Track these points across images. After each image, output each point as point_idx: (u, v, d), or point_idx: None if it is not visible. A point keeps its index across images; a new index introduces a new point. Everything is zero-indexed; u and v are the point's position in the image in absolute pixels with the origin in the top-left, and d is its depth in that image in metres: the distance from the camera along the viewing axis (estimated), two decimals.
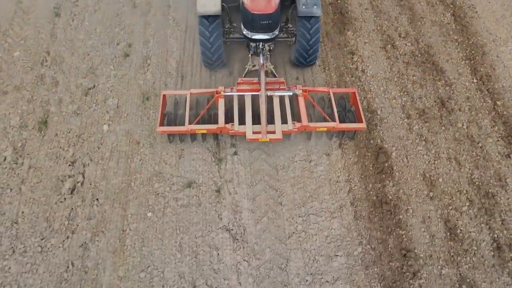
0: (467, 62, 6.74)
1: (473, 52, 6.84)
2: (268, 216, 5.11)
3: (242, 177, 5.39)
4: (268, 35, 5.33)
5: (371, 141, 5.85)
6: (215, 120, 5.29)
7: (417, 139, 5.88)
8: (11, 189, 5.25)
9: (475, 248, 4.95)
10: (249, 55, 5.80)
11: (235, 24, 5.93)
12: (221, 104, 5.28)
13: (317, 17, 5.44)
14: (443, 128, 5.99)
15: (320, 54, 6.61)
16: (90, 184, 5.33)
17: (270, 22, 5.18)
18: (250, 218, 5.07)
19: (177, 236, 4.93)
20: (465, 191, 5.40)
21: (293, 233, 4.98)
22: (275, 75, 5.87)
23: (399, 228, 5.12)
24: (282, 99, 5.38)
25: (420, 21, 7.28)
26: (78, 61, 6.52)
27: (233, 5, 5.75)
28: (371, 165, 5.62)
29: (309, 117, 5.29)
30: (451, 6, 7.52)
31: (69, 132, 5.78)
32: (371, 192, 5.38)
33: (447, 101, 6.27)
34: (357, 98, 5.51)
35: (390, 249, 4.97)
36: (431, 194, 5.38)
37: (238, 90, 5.39)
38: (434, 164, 5.64)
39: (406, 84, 6.46)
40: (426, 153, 5.74)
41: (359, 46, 6.82)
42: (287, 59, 6.40)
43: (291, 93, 5.40)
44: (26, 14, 7.05)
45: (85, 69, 6.47)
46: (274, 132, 5.01)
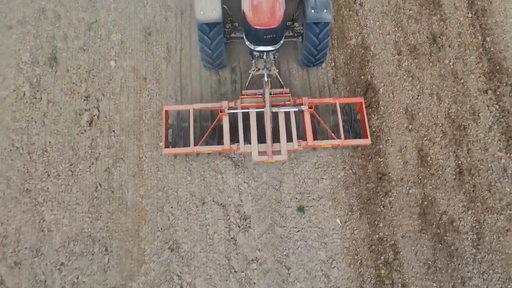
0: None
1: None
2: None
3: None
4: (272, 47, 5.03)
5: (362, 77, 6.35)
6: (219, 134, 5.25)
7: (404, 75, 6.37)
8: (35, 122, 5.94)
9: (440, 173, 5.89)
10: (252, 60, 5.45)
11: (236, 24, 5.50)
12: (226, 122, 5.14)
13: (327, 22, 4.98)
14: (430, 64, 6.43)
15: None
16: (106, 117, 6.00)
17: (275, 36, 4.87)
18: None
19: (186, 163, 5.80)
20: (440, 124, 6.13)
21: None
22: (280, 82, 5.59)
23: (378, 156, 5.98)
24: (287, 114, 5.21)
25: None
26: None
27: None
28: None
29: (314, 134, 5.21)
30: None
31: (79, 68, 6.22)
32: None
33: (439, 37, 6.57)
34: (364, 109, 5.36)
35: (368, 173, 5.91)
36: (410, 126, 6.12)
37: (242, 107, 5.20)
38: (417, 99, 6.25)
39: (402, 19, 6.66)
40: (411, 88, 6.30)
41: None
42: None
43: (296, 109, 5.21)
44: None
45: (84, 1, 6.57)
46: (280, 152, 5.00)
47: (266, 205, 5.61)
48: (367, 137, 5.29)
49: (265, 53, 5.15)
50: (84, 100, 6.06)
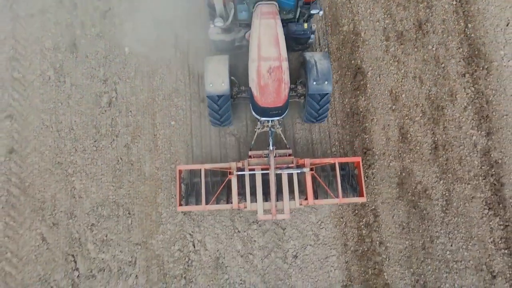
0: None
1: None
2: None
3: None
4: (278, 118, 5.39)
5: (352, 61, 7.09)
6: (228, 187, 5.61)
7: (391, 60, 7.10)
8: (61, 103, 6.79)
9: (418, 148, 6.78)
10: (258, 121, 5.70)
11: (243, 88, 5.84)
12: (234, 183, 5.50)
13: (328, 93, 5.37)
14: (415, 50, 7.13)
15: None
16: (123, 99, 6.83)
17: (280, 111, 5.20)
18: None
19: (194, 140, 6.69)
20: (421, 105, 6.94)
21: None
22: (284, 140, 5.89)
23: (364, 133, 6.85)
24: (290, 175, 5.56)
25: None
26: None
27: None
28: (349, 83, 7.02)
29: (315, 194, 5.58)
30: None
31: (97, 54, 6.97)
32: (346, 106, 6.94)
33: (425, 23, 7.22)
34: (361, 168, 5.74)
35: (355, 148, 6.81)
36: (393, 107, 6.94)
37: (249, 168, 5.54)
38: (401, 82, 7.03)
39: (391, 6, 7.29)
40: (397, 72, 7.05)
41: None
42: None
43: (299, 171, 5.50)
44: None
45: None
46: (283, 210, 5.43)
47: None
48: (363, 195, 5.66)
49: (270, 121, 5.48)
50: (103, 83, 6.87)
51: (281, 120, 5.70)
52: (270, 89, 5.04)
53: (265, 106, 5.09)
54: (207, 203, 5.44)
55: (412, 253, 6.38)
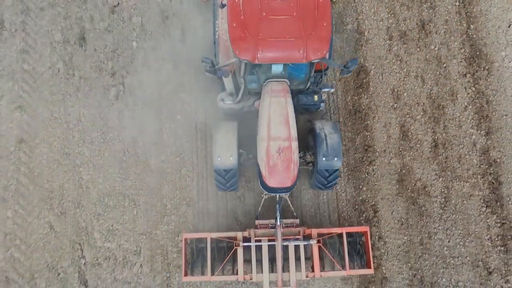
0: None
1: None
2: None
3: None
4: (285, 194, 5.38)
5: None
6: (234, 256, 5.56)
7: (394, 59, 7.29)
8: (70, 95, 7.01)
9: (418, 146, 6.98)
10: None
11: (251, 156, 5.74)
12: (240, 254, 5.46)
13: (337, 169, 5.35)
14: (418, 49, 7.32)
15: None
16: (130, 92, 7.04)
17: (288, 189, 5.17)
18: None
19: (199, 133, 6.90)
20: (422, 103, 7.14)
21: None
22: (291, 208, 5.82)
23: (365, 130, 7.06)
24: (297, 246, 5.50)
25: None
26: None
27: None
28: (352, 81, 7.21)
29: (321, 262, 5.54)
30: None
31: (105, 48, 7.18)
32: (349, 103, 7.14)
33: (427, 24, 7.41)
34: (369, 238, 5.66)
35: (356, 145, 7.01)
36: (395, 105, 7.13)
37: (255, 239, 5.48)
38: (403, 81, 7.22)
39: (395, 6, 7.47)
40: (399, 71, 7.24)
41: None
42: None
43: (306, 243, 5.41)
44: None
45: None
46: (289, 282, 5.33)
47: None
48: (370, 266, 5.58)
49: (278, 195, 5.40)
50: (110, 76, 7.08)
51: (288, 194, 5.61)
52: (279, 169, 4.97)
53: (273, 186, 5.06)
54: (212, 273, 5.47)
55: (410, 248, 6.60)
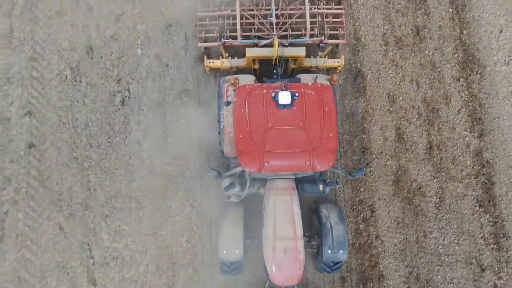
0: None
1: None
2: None
3: None
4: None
5: (353, 65, 7.59)
6: None
7: (389, 64, 7.60)
8: (77, 101, 7.32)
9: (414, 148, 7.29)
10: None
11: (257, 240, 5.65)
12: None
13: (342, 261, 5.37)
14: (412, 54, 7.63)
15: None
16: (135, 98, 7.35)
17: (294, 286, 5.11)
18: None
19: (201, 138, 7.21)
20: (417, 107, 7.45)
21: None
22: None
23: (363, 133, 7.36)
24: None
25: None
26: None
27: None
28: (349, 86, 7.53)
29: None
30: None
31: (111, 55, 7.50)
32: (346, 107, 7.45)
33: (422, 29, 7.72)
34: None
35: (354, 147, 7.32)
36: (391, 108, 7.44)
37: None
38: (399, 85, 7.53)
39: (390, 12, 7.78)
40: (395, 76, 7.55)
41: None
42: None
43: None
44: None
45: None
46: None
47: None
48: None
49: None
50: (116, 83, 7.39)
51: None
52: (285, 269, 4.96)
53: (279, 285, 5.07)
54: None
55: (407, 246, 6.90)
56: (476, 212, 6.98)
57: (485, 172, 7.12)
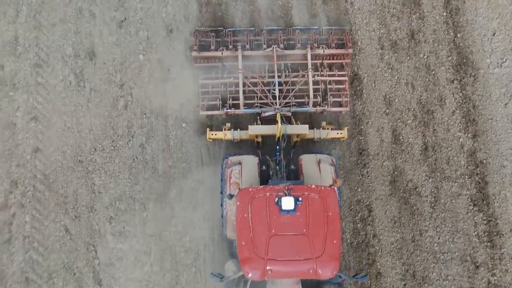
0: None
1: None
2: None
3: None
4: None
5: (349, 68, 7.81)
6: None
7: (385, 67, 7.83)
8: (81, 106, 7.54)
9: (409, 149, 7.52)
10: None
11: None
12: None
13: None
14: (408, 58, 7.86)
15: None
16: (138, 102, 7.58)
17: None
18: None
19: (203, 141, 7.45)
20: (412, 109, 7.68)
21: None
22: None
23: (360, 135, 7.59)
24: None
25: None
26: None
27: None
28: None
29: None
30: None
31: (114, 61, 7.72)
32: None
33: (417, 33, 7.95)
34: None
35: (351, 149, 7.55)
36: (387, 111, 7.67)
37: None
38: (395, 88, 7.76)
39: (386, 17, 8.01)
40: (390, 79, 7.79)
41: None
42: None
43: None
44: None
45: (114, 1, 7.94)
46: None
47: None
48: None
49: None
50: (119, 88, 7.61)
51: None
52: None
53: None
54: None
55: (403, 245, 7.14)
56: (470, 211, 7.22)
57: (479, 172, 7.36)
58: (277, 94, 6.39)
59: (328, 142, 7.22)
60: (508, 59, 7.72)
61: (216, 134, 6.45)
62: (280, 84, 6.55)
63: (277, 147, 5.96)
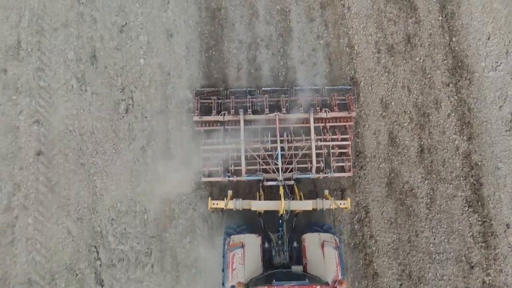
0: None
1: None
2: None
3: None
4: None
5: (347, 72, 7.97)
6: None
7: (382, 70, 7.98)
8: (83, 110, 7.68)
9: (406, 151, 7.68)
10: None
11: None
12: None
13: None
14: (404, 61, 8.02)
15: None
16: (139, 106, 7.72)
17: None
18: None
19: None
20: (408, 112, 7.83)
21: None
22: None
23: (357, 137, 7.74)
24: None
25: None
26: None
27: None
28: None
29: None
30: None
31: (115, 65, 7.86)
32: None
33: (413, 37, 8.11)
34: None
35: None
36: (383, 114, 7.83)
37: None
38: (391, 91, 7.91)
39: (383, 21, 8.17)
40: (387, 82, 7.94)
41: None
42: None
43: None
44: None
45: (115, 6, 8.08)
46: None
47: None
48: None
49: None
50: (120, 91, 7.76)
51: None
52: None
53: None
54: None
55: (399, 245, 7.29)
56: (466, 212, 7.38)
57: (473, 174, 7.51)
58: (280, 166, 6.18)
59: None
60: (502, 62, 7.88)
61: (217, 204, 6.09)
62: (282, 149, 6.46)
63: (280, 221, 5.78)
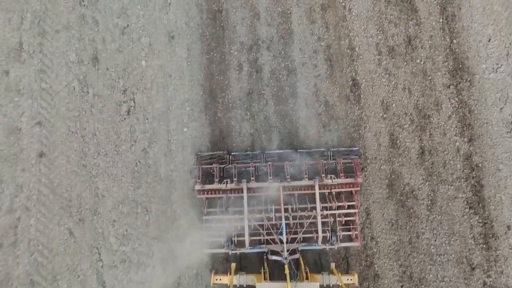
0: (439, 1, 8.29)
1: None
2: None
3: None
4: None
5: (348, 74, 8.02)
6: None
7: (383, 72, 8.02)
8: (85, 111, 7.73)
9: (406, 153, 7.71)
10: None
11: None
12: None
13: None
14: (405, 63, 8.06)
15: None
16: (140, 107, 7.77)
17: None
18: None
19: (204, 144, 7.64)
20: (409, 113, 7.87)
21: None
22: None
23: (358, 139, 7.77)
24: None
25: None
26: (110, 0, 8.13)
27: None
28: (344, 94, 7.94)
29: None
30: None
31: (116, 67, 7.91)
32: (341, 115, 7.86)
33: (414, 39, 8.15)
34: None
35: None
36: (384, 115, 7.87)
37: None
38: (392, 93, 7.95)
39: (384, 23, 8.21)
40: (388, 84, 7.98)
41: None
42: None
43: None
44: None
45: (117, 8, 8.13)
46: None
47: None
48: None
49: None
50: (122, 93, 7.81)
51: None
52: None
53: None
54: None
55: (400, 247, 7.32)
56: (466, 213, 7.41)
57: (474, 176, 7.54)
58: (285, 241, 5.96)
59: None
60: (503, 64, 7.92)
61: (221, 280, 6.04)
62: (287, 219, 6.29)
63: None
